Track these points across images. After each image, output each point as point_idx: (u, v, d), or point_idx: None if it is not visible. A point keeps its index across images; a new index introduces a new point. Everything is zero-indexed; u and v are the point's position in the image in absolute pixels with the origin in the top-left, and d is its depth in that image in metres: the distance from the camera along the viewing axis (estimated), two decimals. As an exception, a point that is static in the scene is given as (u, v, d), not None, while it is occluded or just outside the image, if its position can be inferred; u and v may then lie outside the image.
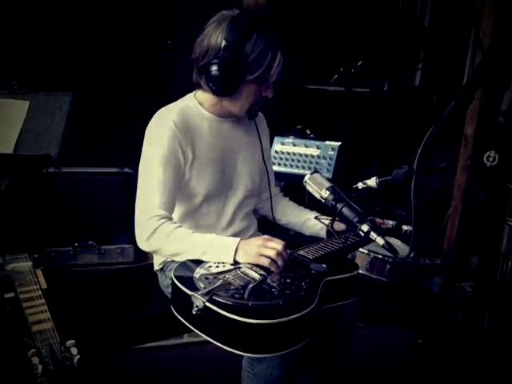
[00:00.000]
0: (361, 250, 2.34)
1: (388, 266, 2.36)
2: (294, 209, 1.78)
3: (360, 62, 3.18)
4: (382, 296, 2.54)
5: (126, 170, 2.80)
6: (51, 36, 3.30)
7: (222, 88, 1.42)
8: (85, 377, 1.08)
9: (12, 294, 1.36)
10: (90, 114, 3.28)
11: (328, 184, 1.43)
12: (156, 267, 1.64)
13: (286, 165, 2.40)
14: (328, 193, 1.40)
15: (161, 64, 3.72)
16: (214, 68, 1.38)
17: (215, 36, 1.38)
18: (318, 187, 1.43)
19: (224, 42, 1.36)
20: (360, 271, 2.37)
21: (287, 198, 1.84)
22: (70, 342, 1.09)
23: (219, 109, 1.53)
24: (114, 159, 2.91)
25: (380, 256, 2.34)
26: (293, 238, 1.76)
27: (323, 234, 1.68)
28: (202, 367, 2.08)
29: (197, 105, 1.53)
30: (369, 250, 2.34)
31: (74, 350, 1.07)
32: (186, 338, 2.18)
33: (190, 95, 1.57)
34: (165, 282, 1.56)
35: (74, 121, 1.98)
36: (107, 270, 2.57)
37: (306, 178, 1.47)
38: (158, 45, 3.70)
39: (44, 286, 1.42)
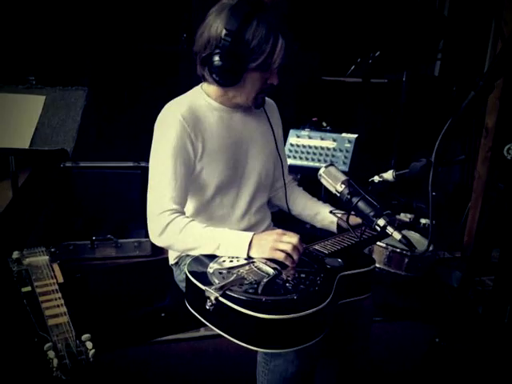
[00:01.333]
0: (378, 243, 2.31)
1: (406, 260, 2.33)
2: (306, 200, 1.75)
3: (378, 53, 3.12)
4: (400, 290, 2.51)
5: (143, 163, 2.81)
6: (67, 30, 3.32)
7: (225, 78, 1.40)
8: (99, 371, 1.08)
9: (29, 288, 1.37)
10: (106, 108, 3.31)
11: (343, 177, 1.40)
12: (171, 261, 1.64)
13: (301, 158, 2.37)
14: (343, 186, 1.37)
15: (176, 57, 3.72)
16: (216, 58, 1.36)
17: (215, 26, 1.37)
18: (333, 181, 1.40)
19: (224, 31, 1.34)
20: (378, 265, 2.35)
21: (301, 188, 1.81)
22: (85, 336, 1.09)
23: (226, 100, 1.51)
24: (130, 153, 2.92)
25: (398, 250, 2.31)
26: (309, 232, 1.74)
27: (334, 227, 1.66)
28: (219, 360, 2.08)
29: (205, 96, 1.52)
30: (387, 244, 2.31)
31: (89, 344, 1.08)
32: (203, 332, 2.19)
33: (197, 88, 1.56)
34: (180, 276, 1.56)
35: (89, 115, 1.98)
36: (124, 263, 2.59)
37: (321, 172, 1.44)
38: (174, 38, 3.69)
39: (61, 279, 1.42)
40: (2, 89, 1.90)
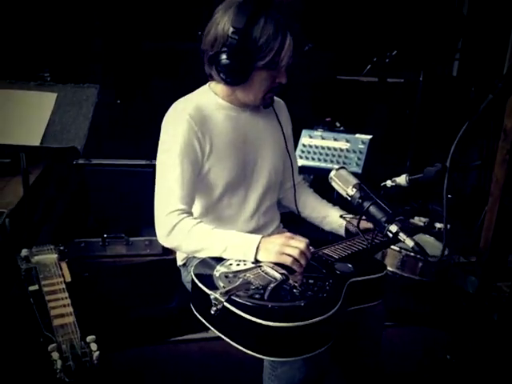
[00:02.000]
0: (392, 247, 2.26)
1: (420, 265, 2.27)
2: (315, 202, 1.73)
3: (395, 52, 3.07)
4: (413, 295, 2.46)
5: (155, 162, 2.80)
6: (82, 26, 3.31)
7: (233, 77, 1.38)
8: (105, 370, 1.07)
9: (36, 287, 1.36)
10: (118, 105, 3.30)
11: (355, 181, 1.36)
12: (179, 262, 1.62)
13: (313, 158, 2.32)
14: (355, 190, 1.33)
15: (192, 54, 3.68)
16: (224, 57, 1.34)
17: (222, 24, 1.34)
18: (344, 184, 1.37)
19: (231, 28, 1.32)
20: (391, 269, 2.30)
21: (311, 190, 1.79)
22: (90, 338, 1.08)
23: (234, 99, 1.49)
24: (142, 150, 2.91)
25: (412, 254, 2.26)
26: (320, 235, 1.71)
27: (342, 231, 1.63)
28: (227, 361, 2.06)
29: (212, 95, 1.50)
30: (400, 248, 2.26)
31: (94, 346, 1.06)
32: (211, 333, 2.16)
33: (205, 87, 1.54)
34: (187, 277, 1.54)
35: (102, 112, 1.96)
36: (133, 263, 2.58)
37: (332, 175, 1.40)
38: (190, 35, 3.66)
39: (68, 278, 1.41)
40: (14, 85, 1.89)
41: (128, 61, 3.52)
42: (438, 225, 1.62)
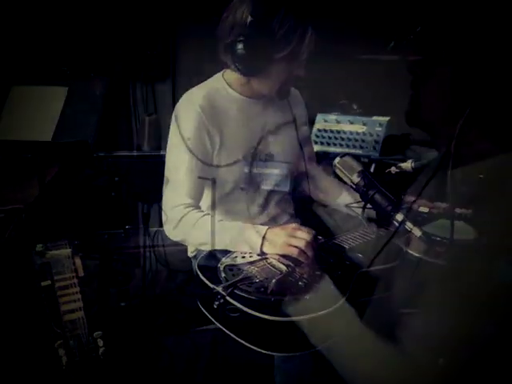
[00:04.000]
0: (414, 231, 2.19)
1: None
2: (338, 188, 1.67)
3: (419, 28, 2.94)
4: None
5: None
6: (90, 20, 3.29)
7: (249, 68, 1.34)
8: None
9: (49, 282, 1.37)
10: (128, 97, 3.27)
11: (359, 167, 1.29)
12: (189, 254, 1.61)
13: (329, 144, 2.24)
14: (360, 178, 1.27)
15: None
16: (240, 46, 1.29)
17: (240, 11, 1.29)
18: (349, 172, 1.29)
19: (250, 17, 1.26)
20: (415, 254, 2.22)
21: (331, 176, 1.73)
22: (96, 333, 1.09)
23: (248, 89, 1.44)
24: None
25: (438, 238, 2.17)
26: (332, 224, 1.65)
27: (372, 214, 1.56)
28: (241, 350, 2.05)
29: (225, 86, 1.46)
30: (424, 232, 2.18)
31: (100, 342, 1.06)
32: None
33: (218, 75, 1.50)
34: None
35: (112, 105, 1.96)
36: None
37: (336, 162, 1.33)
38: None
39: (81, 273, 1.41)
40: (24, 81, 1.90)
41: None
42: (458, 210, 1.53)
